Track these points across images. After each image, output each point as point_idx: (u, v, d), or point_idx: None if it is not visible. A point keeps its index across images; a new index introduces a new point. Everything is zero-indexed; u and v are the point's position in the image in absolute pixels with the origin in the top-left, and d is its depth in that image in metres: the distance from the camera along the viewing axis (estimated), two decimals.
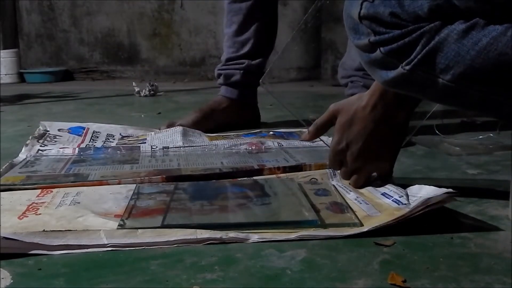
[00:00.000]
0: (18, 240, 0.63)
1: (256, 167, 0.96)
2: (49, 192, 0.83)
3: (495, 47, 0.56)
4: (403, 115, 0.80)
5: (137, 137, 1.29)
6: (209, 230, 0.67)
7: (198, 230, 0.67)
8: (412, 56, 0.61)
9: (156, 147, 1.17)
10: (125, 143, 1.23)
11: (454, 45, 0.59)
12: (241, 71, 1.56)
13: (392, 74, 0.64)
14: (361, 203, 0.76)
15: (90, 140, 1.24)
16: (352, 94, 0.95)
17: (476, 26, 0.58)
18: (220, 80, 1.60)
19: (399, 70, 0.63)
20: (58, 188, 0.85)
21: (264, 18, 1.56)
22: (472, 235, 0.67)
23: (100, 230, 0.67)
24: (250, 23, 1.54)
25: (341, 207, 0.75)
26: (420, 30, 0.60)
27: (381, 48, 0.63)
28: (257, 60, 1.56)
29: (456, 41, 0.59)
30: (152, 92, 2.47)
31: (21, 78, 3.57)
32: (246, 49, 1.55)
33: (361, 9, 0.64)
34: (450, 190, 0.70)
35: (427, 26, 0.60)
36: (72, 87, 3.08)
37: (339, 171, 0.86)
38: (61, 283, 0.57)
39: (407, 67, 0.62)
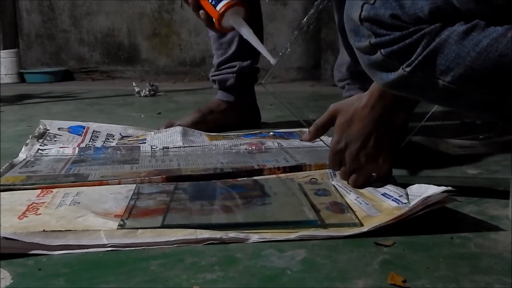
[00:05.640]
0: (18, 240, 0.63)
1: (256, 167, 0.96)
2: (49, 192, 0.84)
3: (495, 49, 0.56)
4: (402, 115, 0.80)
5: (137, 137, 1.29)
6: (209, 230, 0.67)
7: (198, 230, 0.67)
8: (412, 58, 0.61)
9: (156, 147, 1.17)
10: (125, 143, 1.23)
11: (455, 46, 0.59)
12: (234, 75, 1.54)
13: (392, 76, 0.64)
14: (361, 203, 0.76)
15: (90, 140, 1.24)
16: (350, 96, 0.95)
17: (476, 27, 0.58)
18: (216, 86, 1.59)
19: (400, 72, 0.63)
20: (58, 188, 0.85)
21: None
22: (472, 235, 0.67)
23: (100, 230, 0.67)
24: None
25: (341, 207, 0.75)
26: (420, 32, 0.60)
27: (382, 50, 0.63)
28: (248, 61, 1.54)
29: (457, 43, 0.58)
30: (152, 92, 2.47)
31: (21, 78, 3.57)
32: (233, 47, 1.53)
33: (361, 11, 0.64)
34: (449, 188, 0.70)
35: (428, 27, 0.60)
36: (72, 87, 3.09)
37: (338, 171, 0.86)
38: (61, 283, 0.57)
39: (408, 69, 0.62)
